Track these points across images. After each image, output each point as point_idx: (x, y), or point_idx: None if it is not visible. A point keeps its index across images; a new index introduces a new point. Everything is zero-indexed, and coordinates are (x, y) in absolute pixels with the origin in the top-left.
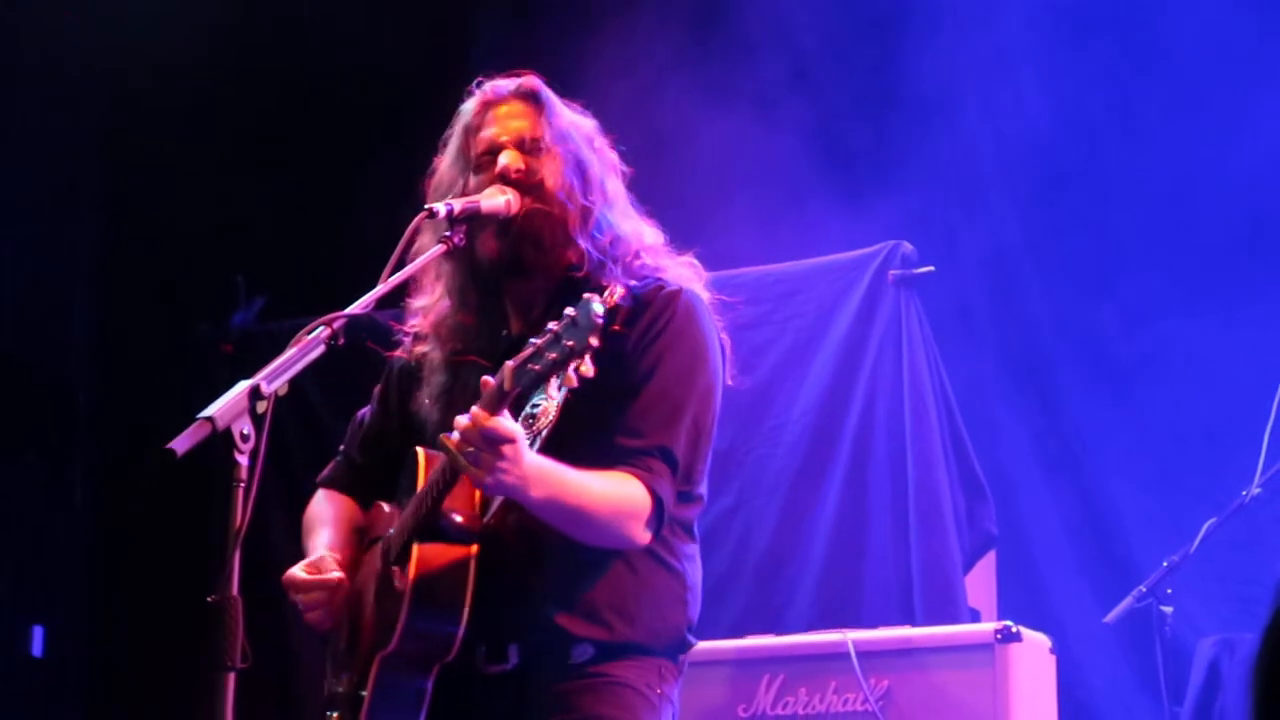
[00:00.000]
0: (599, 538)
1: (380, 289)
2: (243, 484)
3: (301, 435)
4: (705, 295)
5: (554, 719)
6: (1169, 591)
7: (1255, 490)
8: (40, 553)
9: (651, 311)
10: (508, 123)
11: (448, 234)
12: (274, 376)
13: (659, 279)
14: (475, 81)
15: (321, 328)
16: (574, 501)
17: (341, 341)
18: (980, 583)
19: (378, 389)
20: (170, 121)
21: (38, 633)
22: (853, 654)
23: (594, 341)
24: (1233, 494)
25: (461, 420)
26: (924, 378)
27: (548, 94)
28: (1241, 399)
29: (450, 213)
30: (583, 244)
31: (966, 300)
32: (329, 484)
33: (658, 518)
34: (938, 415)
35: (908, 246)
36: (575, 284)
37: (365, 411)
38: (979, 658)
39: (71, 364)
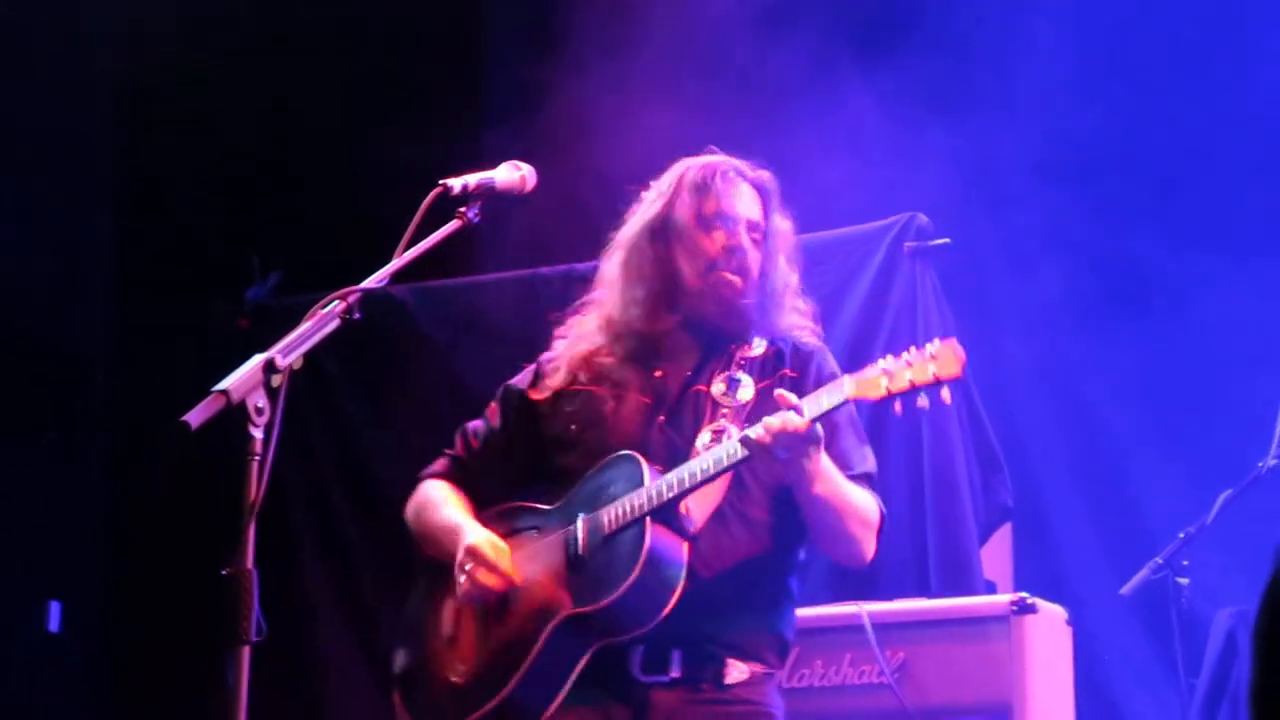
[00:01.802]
0: (844, 541)
1: (395, 264)
2: (257, 457)
3: (318, 409)
4: None
5: None
6: (1185, 563)
7: (1271, 461)
8: (58, 529)
9: (816, 359)
10: (744, 204)
11: (461, 210)
12: (289, 350)
13: (798, 338)
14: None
15: (336, 302)
16: (843, 500)
17: (357, 316)
18: (996, 555)
19: (498, 406)
20: (185, 100)
21: (54, 608)
22: (868, 626)
23: (962, 376)
24: (1249, 465)
25: (772, 422)
26: None
27: (771, 187)
28: (1259, 370)
29: (465, 189)
30: (756, 315)
31: (983, 272)
32: (443, 477)
33: (880, 533)
34: (953, 387)
35: (923, 218)
36: (726, 339)
37: (478, 424)
38: (995, 629)
39: (88, 342)
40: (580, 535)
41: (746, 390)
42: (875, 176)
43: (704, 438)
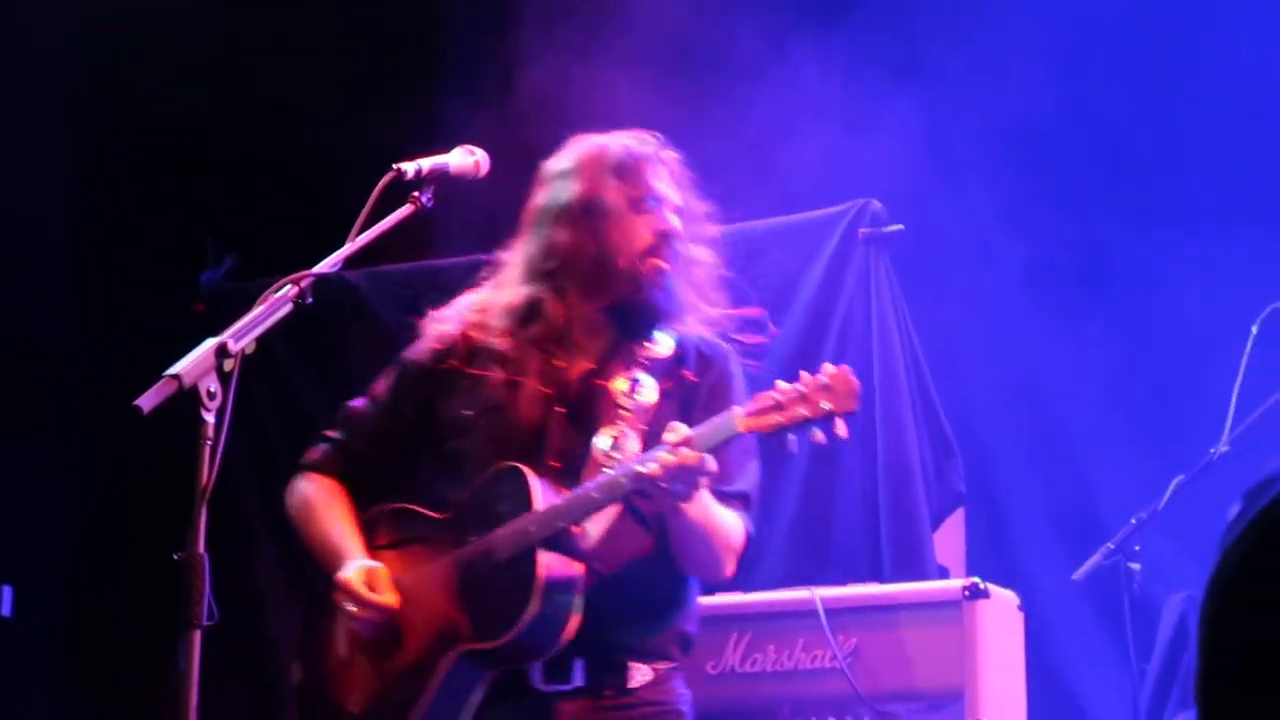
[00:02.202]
0: (704, 565)
1: (347, 248)
2: (209, 442)
3: (270, 393)
4: None
5: None
6: (1137, 548)
7: (1223, 448)
8: (10, 511)
9: (718, 365)
10: (667, 184)
11: (415, 194)
12: (241, 334)
13: (704, 339)
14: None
15: (289, 286)
16: (711, 526)
17: (309, 300)
18: (949, 540)
19: (387, 385)
20: (137, 80)
21: (7, 592)
22: (821, 611)
23: (856, 410)
24: (1201, 451)
25: (663, 455)
26: (893, 336)
27: (676, 164)
28: (1212, 357)
29: (419, 173)
30: (650, 305)
31: (937, 257)
32: (323, 470)
33: (743, 555)
34: (907, 374)
35: (877, 205)
36: (630, 330)
37: (362, 403)
38: (947, 615)
39: (41, 325)
40: (472, 563)
41: (649, 392)
42: (830, 159)
43: (603, 440)
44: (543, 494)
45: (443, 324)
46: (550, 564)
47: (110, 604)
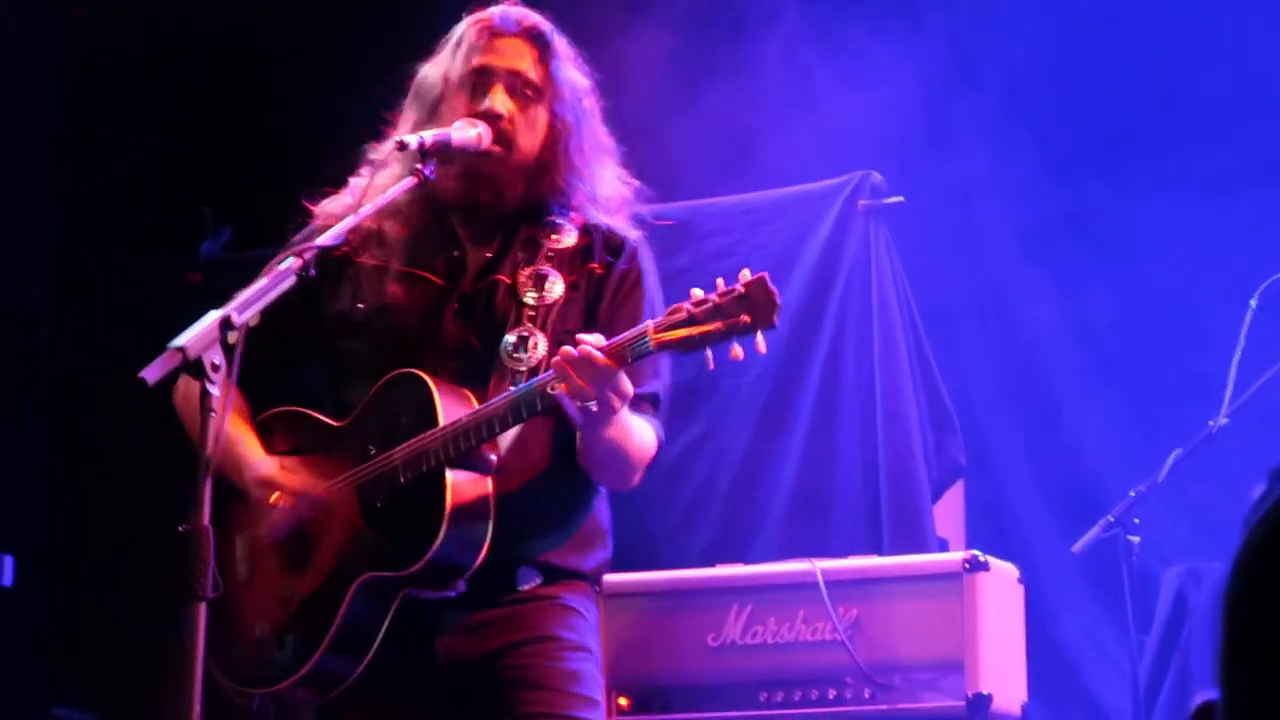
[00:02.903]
0: (614, 477)
1: (350, 220)
2: (214, 413)
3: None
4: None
5: (498, 639)
6: (1136, 521)
7: (1222, 420)
8: (8, 482)
9: (626, 256)
10: (509, 58)
11: (419, 166)
12: (245, 307)
13: (613, 228)
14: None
15: (292, 258)
16: (623, 438)
17: (313, 273)
18: (948, 513)
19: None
20: (133, 44)
21: (8, 562)
22: (821, 583)
23: (776, 321)
24: (1200, 424)
25: (577, 351)
26: (893, 308)
27: (556, 42)
28: (1210, 329)
29: (422, 145)
30: (542, 192)
31: (934, 230)
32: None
33: (650, 462)
34: (906, 345)
35: (877, 176)
36: (533, 221)
37: None
38: (947, 587)
39: (32, 294)
40: (375, 482)
41: (555, 287)
42: (828, 130)
43: (509, 341)
44: (445, 407)
45: (331, 208)
46: (460, 487)
47: (107, 575)
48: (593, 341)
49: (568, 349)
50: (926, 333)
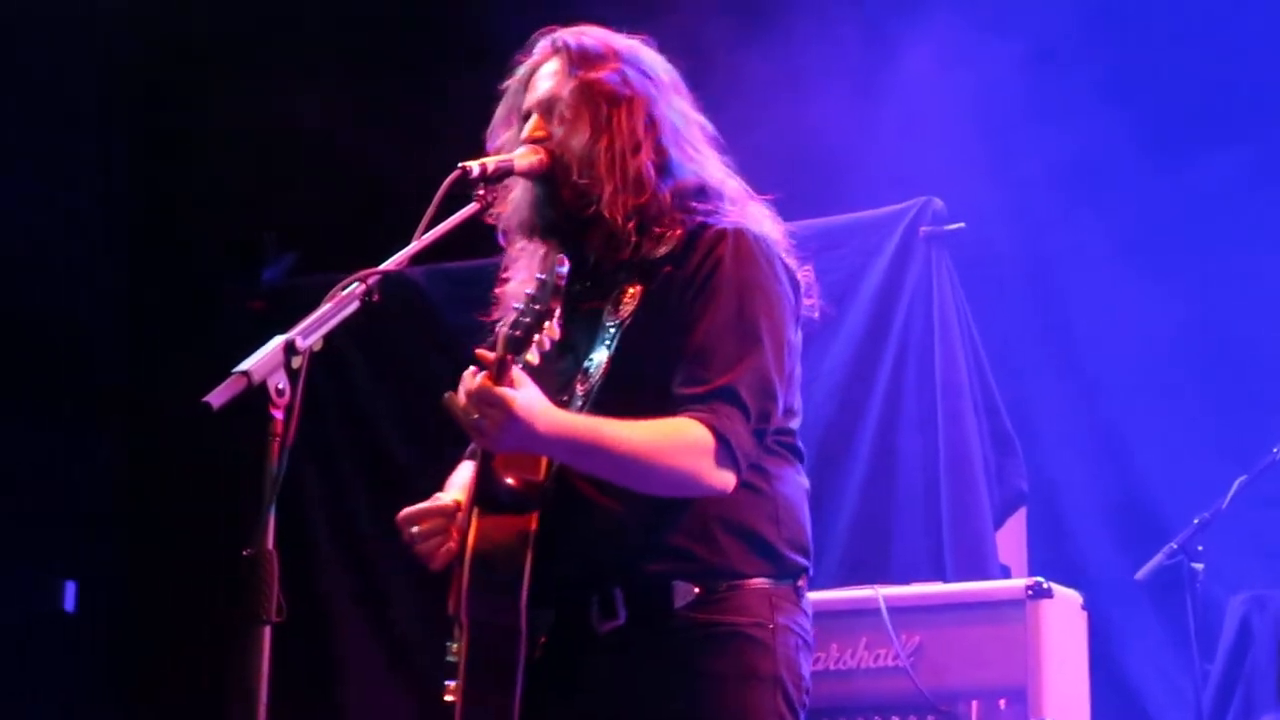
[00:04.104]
0: (663, 486)
1: (414, 246)
2: (278, 438)
3: (334, 393)
4: (770, 230)
5: (661, 680)
6: (1200, 548)
7: None
8: (72, 508)
9: (699, 253)
10: (539, 85)
11: (481, 192)
12: (309, 332)
13: (706, 220)
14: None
15: (356, 284)
16: (616, 452)
17: (376, 298)
18: (1011, 539)
19: None
20: (202, 75)
21: (70, 588)
22: (884, 610)
23: (554, 306)
24: (1264, 451)
25: (466, 381)
26: (955, 334)
27: (573, 41)
28: (1276, 355)
29: (484, 171)
30: (606, 190)
31: (997, 256)
32: (469, 455)
33: (731, 459)
34: (968, 371)
35: (938, 203)
36: (617, 232)
37: None
38: (1011, 614)
39: (100, 320)
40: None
41: (632, 301)
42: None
43: (590, 363)
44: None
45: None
46: (482, 529)
47: (171, 600)
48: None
49: (449, 396)
50: (990, 359)
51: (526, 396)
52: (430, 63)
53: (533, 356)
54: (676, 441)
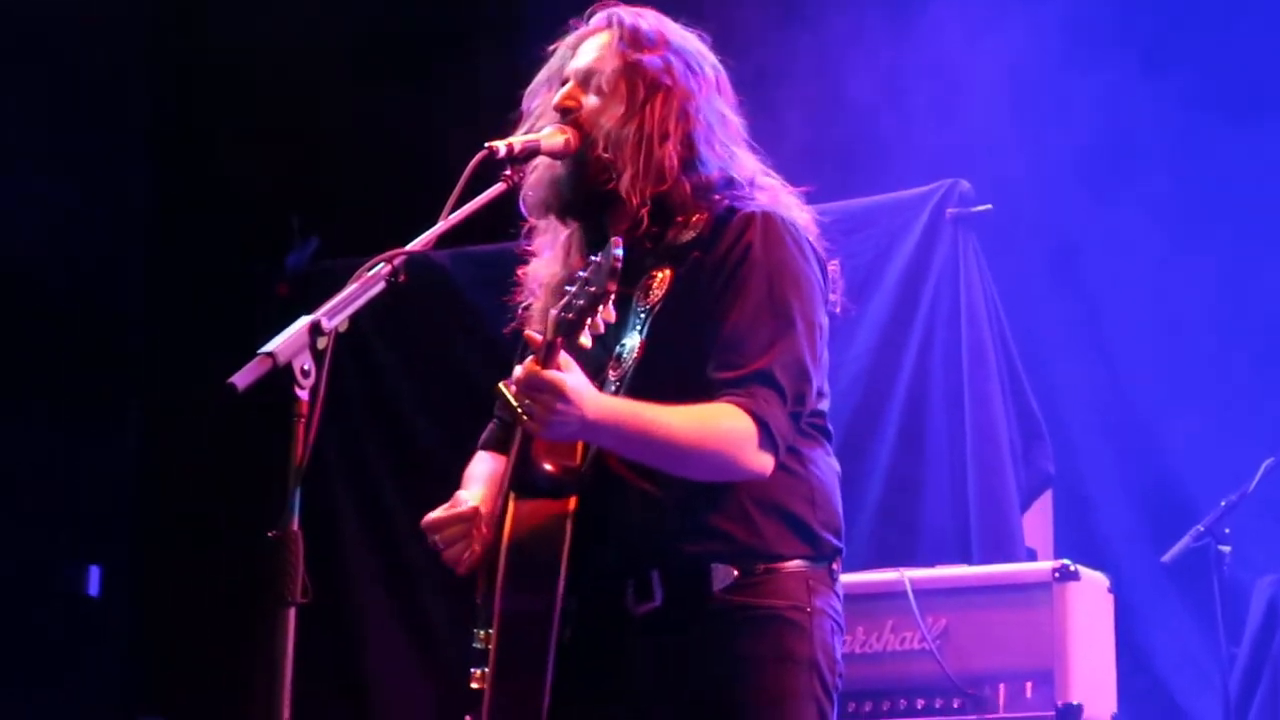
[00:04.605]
0: (704, 470)
1: (440, 227)
2: (303, 419)
3: (356, 372)
4: (798, 216)
5: (701, 664)
6: (1227, 531)
7: None
8: (96, 491)
9: (728, 237)
10: (584, 56)
11: (507, 173)
12: (334, 313)
13: (734, 205)
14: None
15: (382, 264)
16: (658, 437)
17: (403, 279)
18: (1037, 522)
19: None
20: (226, 62)
21: (94, 572)
22: (910, 593)
23: (611, 287)
24: None
25: (516, 371)
26: (981, 317)
27: (629, 20)
28: None
29: (510, 151)
30: (626, 174)
31: (1023, 239)
32: (484, 446)
33: (769, 441)
34: (995, 354)
35: (965, 184)
36: (640, 218)
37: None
38: (1037, 596)
39: (124, 304)
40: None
41: (662, 286)
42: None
43: (623, 347)
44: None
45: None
46: (519, 514)
47: (195, 583)
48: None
49: (504, 384)
50: (1016, 342)
51: (575, 381)
52: (458, 45)
53: (586, 340)
54: (717, 427)
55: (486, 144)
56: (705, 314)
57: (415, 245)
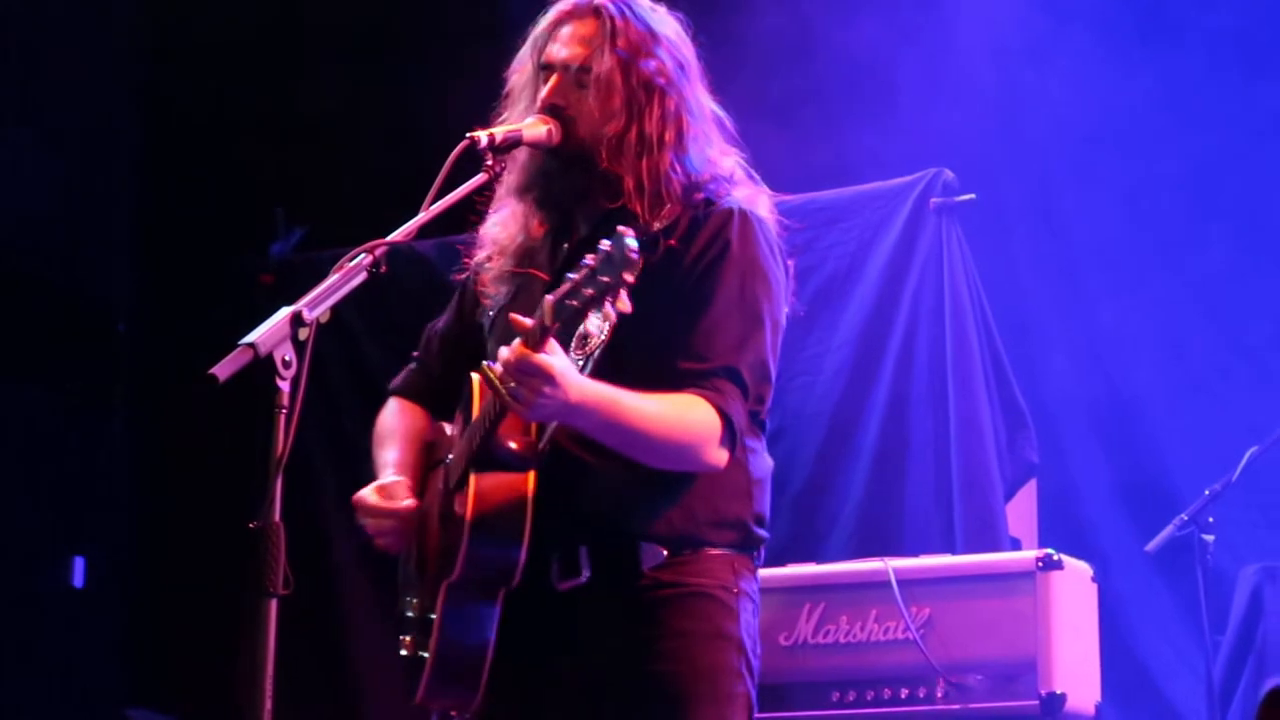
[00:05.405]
0: (667, 460)
1: (422, 217)
2: (284, 410)
3: (342, 363)
4: (767, 215)
5: (631, 638)
6: (1210, 520)
7: None
8: (81, 482)
9: (706, 232)
10: (570, 44)
11: (489, 163)
12: (316, 303)
13: (710, 198)
14: None
15: (364, 255)
16: (632, 425)
17: (384, 269)
18: (1021, 511)
19: (454, 298)
20: (211, 50)
21: (78, 563)
22: (894, 582)
23: (628, 278)
24: (1275, 422)
25: (503, 352)
26: (965, 306)
27: (619, 13)
28: None
29: (492, 141)
30: (628, 182)
31: (1008, 227)
32: (402, 392)
33: (730, 437)
34: (979, 344)
35: (949, 174)
36: (626, 215)
37: (438, 321)
38: (1021, 585)
39: (112, 292)
40: (446, 489)
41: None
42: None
43: (590, 326)
44: (483, 405)
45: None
46: (481, 488)
47: (178, 574)
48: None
49: (488, 365)
50: (1001, 331)
51: (562, 365)
52: (441, 37)
53: (595, 328)
54: (687, 418)
55: (468, 134)
56: (677, 304)
57: (396, 236)
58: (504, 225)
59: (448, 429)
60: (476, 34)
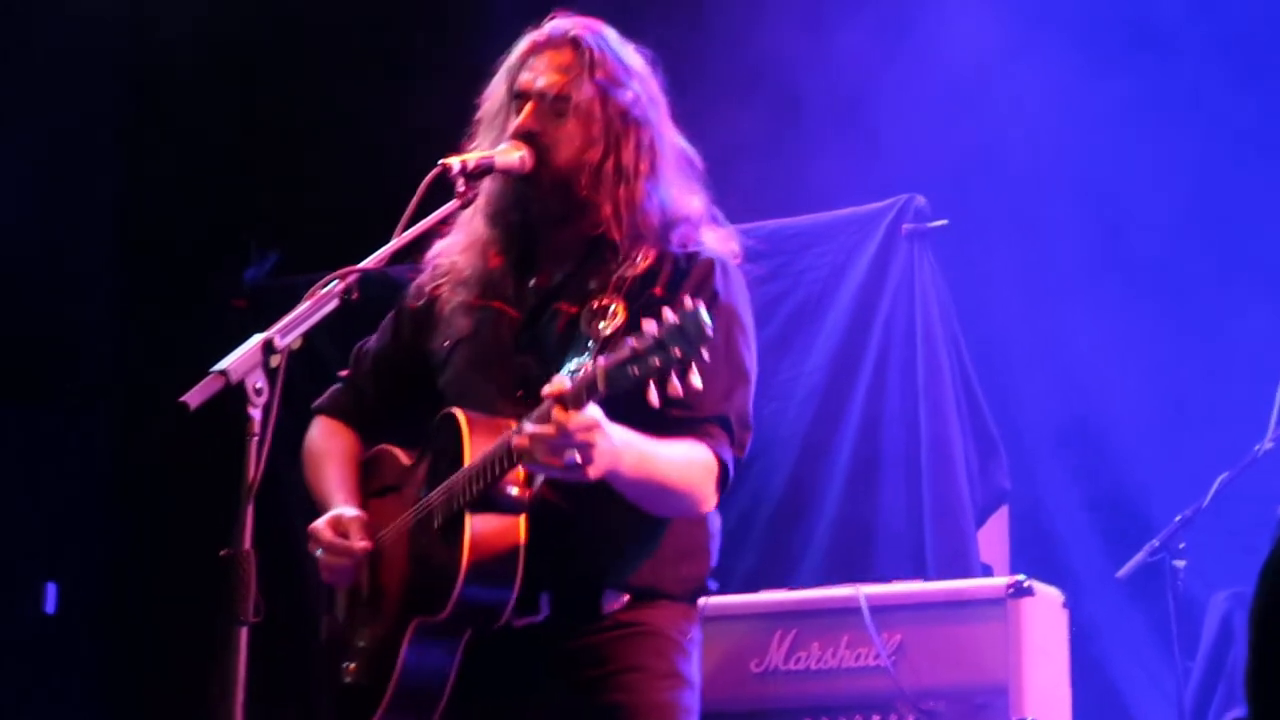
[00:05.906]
0: (671, 503)
1: (394, 244)
2: (256, 437)
3: (314, 392)
4: (735, 262)
5: (588, 671)
6: (1182, 546)
7: (1268, 445)
8: (55, 508)
9: (691, 282)
10: (546, 72)
11: (461, 190)
12: (288, 330)
13: (694, 249)
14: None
15: (336, 281)
16: (660, 475)
17: (356, 296)
18: (993, 537)
19: (388, 319)
20: (189, 76)
21: (51, 589)
22: (865, 608)
23: (705, 354)
24: (1246, 448)
25: (535, 428)
26: (937, 332)
27: (596, 45)
28: (1256, 353)
29: (464, 168)
30: (605, 210)
31: (981, 254)
32: (329, 412)
33: (724, 484)
34: (951, 370)
35: (921, 200)
36: (604, 246)
37: (370, 341)
38: (992, 612)
39: (87, 318)
40: (419, 525)
41: (616, 318)
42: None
43: (565, 373)
44: (474, 446)
45: (435, 254)
46: (480, 531)
47: (152, 600)
48: (558, 385)
49: (515, 435)
50: (972, 356)
51: (600, 414)
52: (417, 65)
53: (654, 397)
54: (698, 467)
55: (441, 160)
56: None
57: (369, 262)
58: (463, 253)
59: (401, 456)
60: (454, 63)
